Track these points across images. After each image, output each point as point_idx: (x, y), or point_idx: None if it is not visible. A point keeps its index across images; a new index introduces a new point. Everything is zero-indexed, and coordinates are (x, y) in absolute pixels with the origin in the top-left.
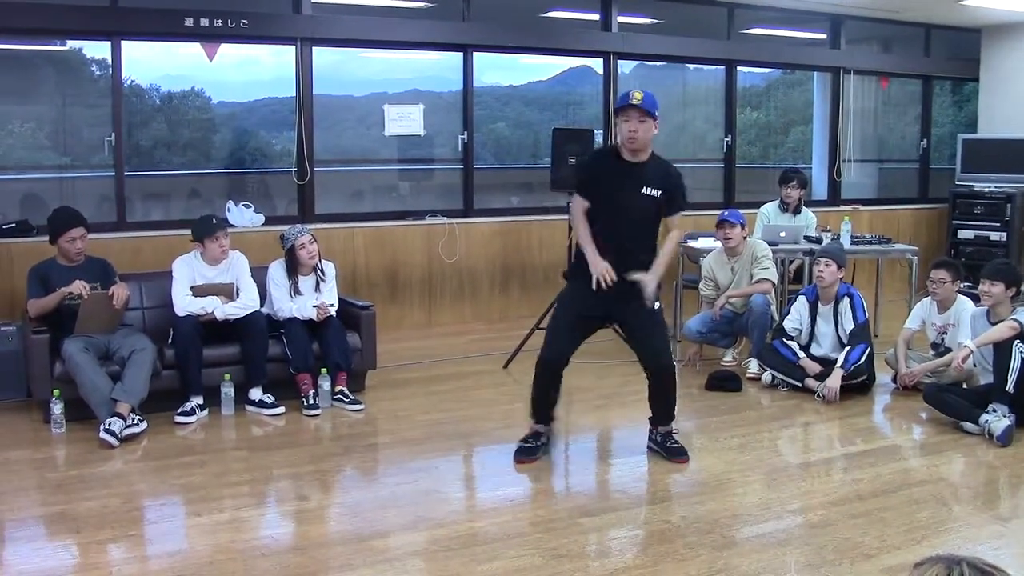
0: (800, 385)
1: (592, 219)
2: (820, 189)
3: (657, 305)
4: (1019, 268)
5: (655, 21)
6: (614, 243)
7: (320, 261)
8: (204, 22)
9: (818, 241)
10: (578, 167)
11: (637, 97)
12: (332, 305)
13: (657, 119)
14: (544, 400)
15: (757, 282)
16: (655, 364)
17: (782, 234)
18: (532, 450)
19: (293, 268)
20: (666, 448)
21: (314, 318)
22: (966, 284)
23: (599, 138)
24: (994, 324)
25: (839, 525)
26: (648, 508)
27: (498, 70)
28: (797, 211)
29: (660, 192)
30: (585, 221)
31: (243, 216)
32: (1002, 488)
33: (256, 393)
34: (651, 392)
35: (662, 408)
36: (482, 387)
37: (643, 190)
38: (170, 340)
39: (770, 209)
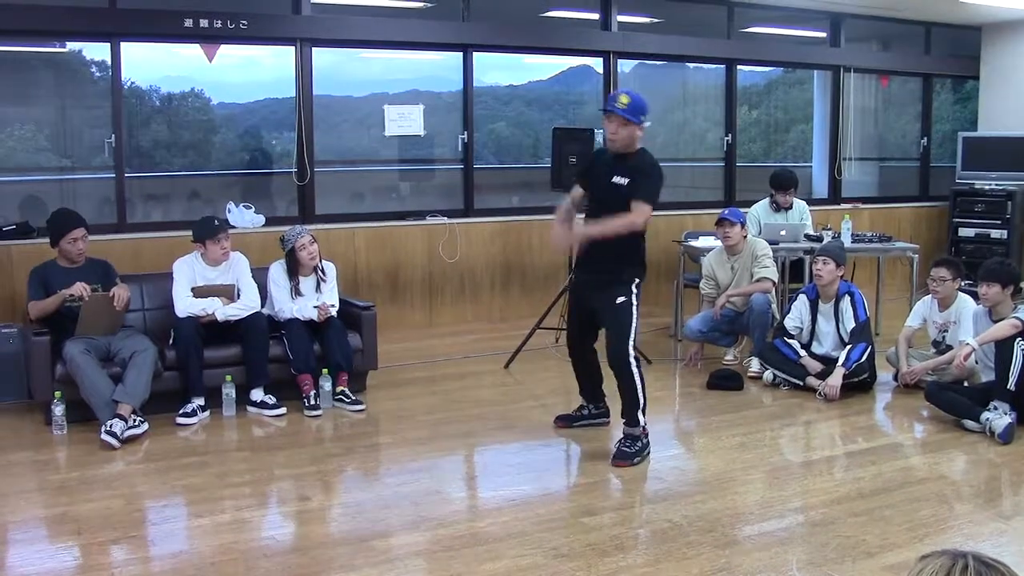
0: (801, 384)
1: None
2: (821, 187)
3: (622, 300)
4: (1016, 266)
5: (655, 20)
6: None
7: (321, 262)
8: (204, 23)
9: (819, 239)
10: (579, 158)
11: (623, 102)
12: (333, 306)
13: (642, 123)
14: (577, 377)
15: (757, 281)
16: (608, 355)
17: (782, 232)
18: (568, 417)
19: (294, 269)
20: (616, 448)
21: (315, 319)
22: (967, 282)
23: (599, 138)
24: (995, 322)
25: (841, 523)
26: (650, 507)
27: (498, 70)
28: (788, 208)
29: (627, 181)
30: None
31: (243, 217)
32: (1004, 486)
33: (257, 394)
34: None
35: (623, 403)
36: (483, 387)
37: (613, 179)
38: (171, 341)
39: (760, 209)
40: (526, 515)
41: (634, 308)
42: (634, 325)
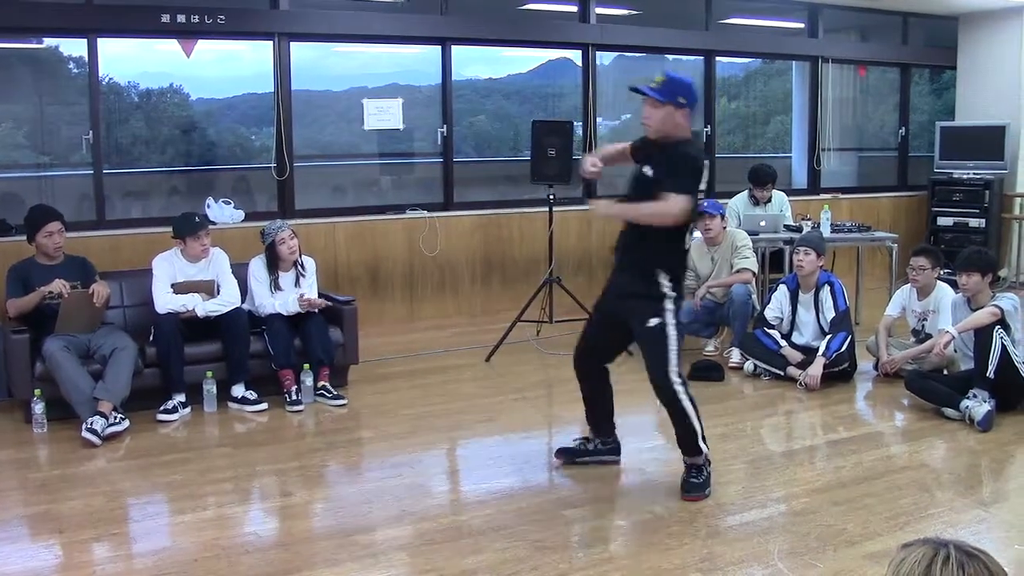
0: (782, 374)
1: None
2: (800, 178)
3: (655, 322)
4: (992, 254)
5: (633, 12)
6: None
7: (300, 256)
8: (181, 18)
9: (799, 230)
10: (559, 151)
11: (655, 81)
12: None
13: (681, 104)
14: (583, 400)
15: (737, 272)
16: (650, 380)
17: (762, 223)
18: (570, 451)
19: (274, 264)
20: (683, 480)
21: (300, 310)
22: (946, 271)
23: (578, 131)
24: (974, 311)
25: (822, 512)
26: (631, 499)
27: (477, 63)
28: (767, 202)
29: (652, 172)
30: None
31: (223, 212)
32: (983, 473)
33: (238, 390)
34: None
35: (677, 435)
36: (464, 381)
37: (643, 169)
38: (151, 338)
39: (739, 203)
40: (508, 508)
41: (670, 327)
42: (673, 347)
